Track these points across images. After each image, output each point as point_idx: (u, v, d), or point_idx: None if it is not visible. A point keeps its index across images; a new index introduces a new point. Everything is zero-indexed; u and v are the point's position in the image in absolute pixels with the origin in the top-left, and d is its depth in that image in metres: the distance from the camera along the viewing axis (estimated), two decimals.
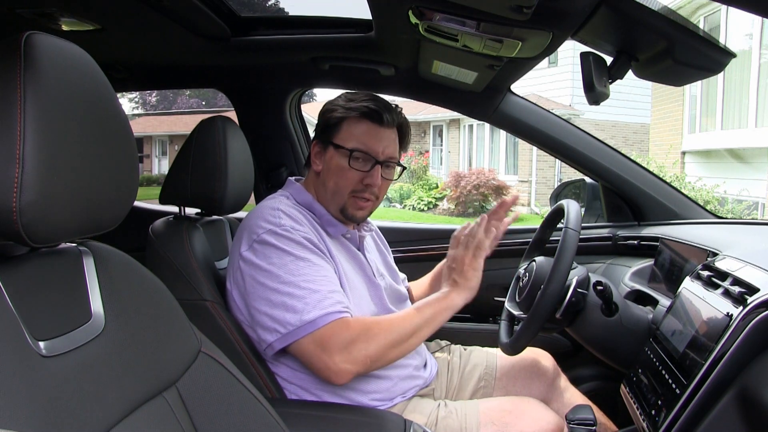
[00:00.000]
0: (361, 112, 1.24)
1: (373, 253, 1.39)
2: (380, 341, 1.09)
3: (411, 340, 1.14)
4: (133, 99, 22.83)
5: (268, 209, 1.19)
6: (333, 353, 1.05)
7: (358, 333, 1.08)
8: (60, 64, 0.62)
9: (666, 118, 9.23)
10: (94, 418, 0.63)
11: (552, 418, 1.20)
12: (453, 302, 1.20)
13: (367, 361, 1.08)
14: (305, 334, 1.06)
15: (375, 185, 1.25)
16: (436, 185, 12.65)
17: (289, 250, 1.12)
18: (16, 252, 0.65)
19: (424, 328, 1.16)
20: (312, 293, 1.08)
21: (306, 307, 1.07)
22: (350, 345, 1.06)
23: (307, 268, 1.11)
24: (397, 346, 1.12)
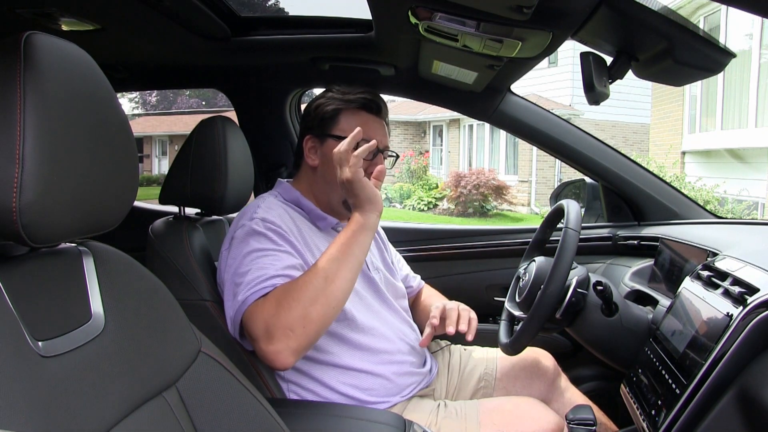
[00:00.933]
0: (359, 103, 1.27)
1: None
2: (292, 305, 1.03)
3: (331, 286, 1.05)
4: (133, 99, 22.85)
5: (249, 207, 1.24)
6: (258, 341, 1.04)
7: (269, 310, 1.04)
8: (60, 64, 0.62)
9: (666, 118, 9.23)
10: (94, 418, 0.63)
11: (552, 418, 1.20)
12: (360, 221, 1.11)
13: (288, 333, 1.01)
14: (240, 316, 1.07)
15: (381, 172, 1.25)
16: (436, 185, 12.65)
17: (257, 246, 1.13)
18: (16, 252, 0.65)
19: (339, 263, 1.07)
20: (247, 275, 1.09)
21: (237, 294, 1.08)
22: (268, 326, 1.02)
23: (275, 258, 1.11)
24: (315, 299, 1.03)
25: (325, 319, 1.05)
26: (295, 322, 1.01)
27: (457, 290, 1.95)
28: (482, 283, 1.95)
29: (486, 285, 1.95)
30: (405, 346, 1.29)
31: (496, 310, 1.81)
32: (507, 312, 1.56)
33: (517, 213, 11.57)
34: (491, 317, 1.95)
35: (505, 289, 1.67)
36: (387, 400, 1.23)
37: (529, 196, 11.99)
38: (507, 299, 1.57)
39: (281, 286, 1.06)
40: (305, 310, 1.02)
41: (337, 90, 1.30)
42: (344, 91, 1.29)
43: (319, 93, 1.34)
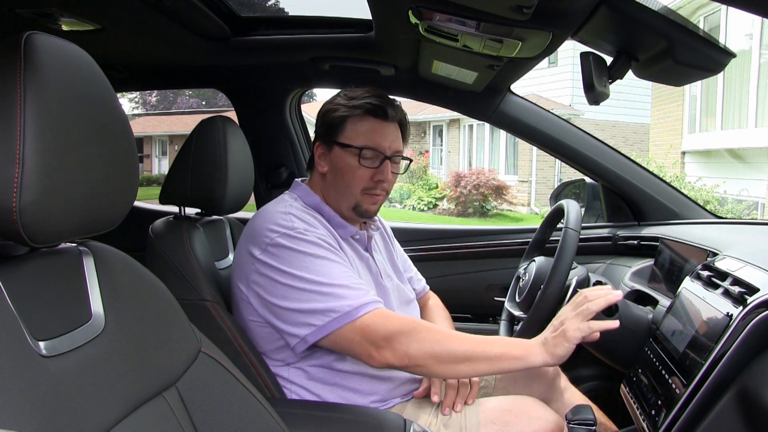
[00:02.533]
0: (365, 109, 1.23)
1: (380, 254, 1.39)
2: (424, 346, 1.07)
3: (460, 366, 1.08)
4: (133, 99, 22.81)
5: (279, 213, 1.18)
6: (376, 340, 1.06)
7: (401, 327, 1.08)
8: (60, 64, 0.62)
9: (666, 118, 9.23)
10: (94, 418, 0.63)
11: (552, 418, 1.20)
12: (529, 355, 1.08)
13: (405, 359, 1.06)
14: (343, 325, 1.07)
15: (386, 180, 1.25)
16: (436, 185, 12.65)
17: (306, 251, 1.12)
18: (16, 252, 0.65)
19: (481, 361, 1.08)
20: (341, 288, 1.09)
21: (340, 301, 1.08)
22: (392, 336, 1.06)
23: (328, 266, 1.12)
24: (441, 361, 1.07)
25: (431, 374, 1.14)
26: (416, 356, 1.07)
27: (458, 290, 1.95)
28: (482, 283, 1.95)
29: (486, 285, 1.95)
30: None
31: (496, 310, 1.81)
32: (507, 312, 1.56)
33: (517, 213, 11.57)
34: (491, 317, 1.96)
35: (505, 289, 1.67)
36: (387, 402, 1.23)
37: (529, 196, 11.99)
38: (507, 299, 1.57)
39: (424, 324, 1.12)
40: (429, 358, 1.07)
41: (344, 95, 1.27)
42: (351, 95, 1.25)
43: (330, 97, 1.31)
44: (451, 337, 1.11)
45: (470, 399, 1.20)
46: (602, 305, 1.10)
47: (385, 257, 1.42)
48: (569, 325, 1.08)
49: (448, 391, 1.19)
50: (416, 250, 1.97)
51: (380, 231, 1.45)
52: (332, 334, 1.08)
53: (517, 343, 1.11)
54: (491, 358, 1.08)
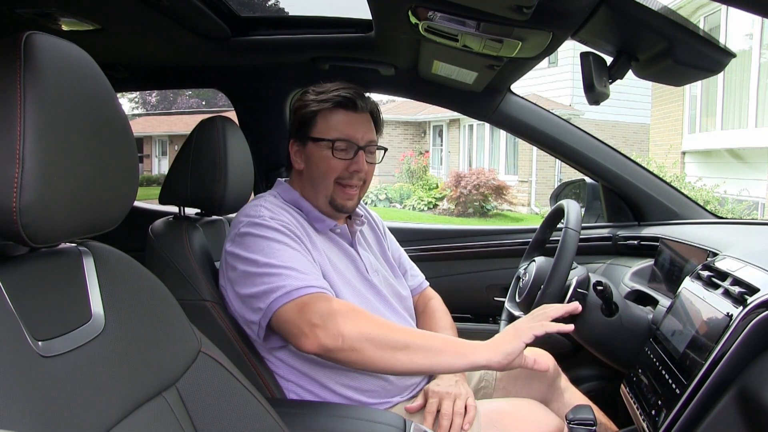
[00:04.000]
0: (334, 102, 1.24)
1: (367, 249, 1.39)
2: (360, 327, 1.04)
3: (397, 354, 1.03)
4: (133, 99, 22.82)
5: (250, 206, 1.23)
6: (310, 317, 1.04)
7: (339, 308, 1.06)
8: (60, 64, 0.62)
9: (666, 118, 9.23)
10: (94, 418, 0.63)
11: (552, 421, 1.20)
12: (472, 353, 1.04)
13: (338, 339, 1.02)
14: (283, 304, 1.07)
15: (362, 170, 1.25)
16: (436, 185, 12.65)
17: (265, 235, 1.14)
18: (16, 252, 0.65)
19: (419, 351, 1.04)
20: (289, 270, 1.10)
21: (284, 281, 1.08)
22: (328, 315, 1.04)
23: (282, 251, 1.12)
24: (377, 346, 1.03)
25: (363, 361, 1.06)
26: (351, 337, 1.03)
27: (458, 290, 1.95)
28: (482, 283, 1.95)
29: (486, 285, 1.95)
30: None
31: (496, 310, 1.81)
32: (507, 312, 1.56)
33: (517, 213, 11.57)
34: (491, 317, 1.96)
35: (505, 289, 1.67)
36: (387, 401, 1.23)
37: (529, 196, 11.99)
38: (507, 299, 1.57)
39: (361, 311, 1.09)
40: (365, 341, 1.03)
41: (313, 91, 1.28)
42: (320, 90, 1.27)
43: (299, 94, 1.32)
44: (391, 324, 1.10)
45: (466, 425, 1.17)
46: (560, 311, 1.09)
47: (374, 252, 1.41)
48: (521, 324, 1.07)
49: (442, 421, 1.17)
50: (416, 250, 1.97)
51: (369, 224, 1.45)
52: (274, 315, 1.08)
53: (463, 341, 1.08)
54: (431, 349, 1.04)
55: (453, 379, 1.25)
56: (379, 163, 1.33)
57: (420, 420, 1.19)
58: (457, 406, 1.19)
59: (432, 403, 1.20)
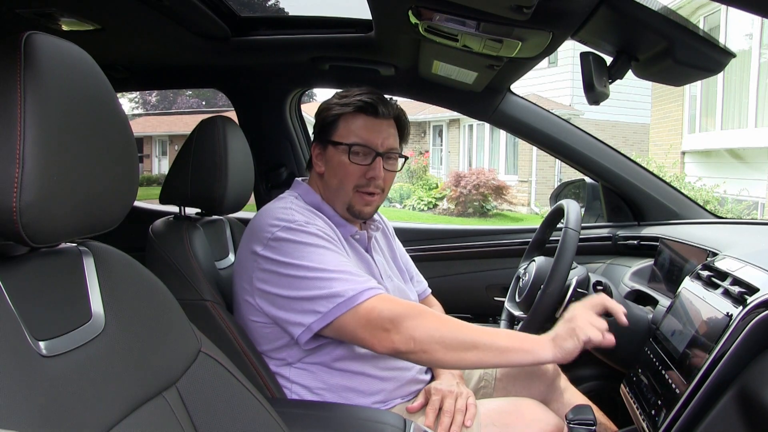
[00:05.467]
0: (356, 107, 1.23)
1: (380, 255, 1.39)
2: (430, 330, 1.04)
3: (467, 354, 1.04)
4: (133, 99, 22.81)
5: (279, 209, 1.19)
6: (381, 323, 1.05)
7: (407, 310, 1.06)
8: (60, 64, 0.62)
9: (666, 118, 9.23)
10: (94, 417, 0.63)
11: (552, 420, 1.20)
12: (539, 350, 1.05)
13: (410, 343, 1.04)
14: (347, 310, 1.06)
15: (378, 177, 1.24)
16: (436, 185, 12.65)
17: (306, 242, 1.12)
18: (16, 252, 0.65)
19: (488, 351, 1.04)
20: (344, 274, 1.09)
21: (343, 286, 1.07)
22: (397, 319, 1.05)
23: (329, 255, 1.12)
24: (447, 347, 1.04)
25: (432, 362, 1.08)
26: (421, 340, 1.04)
27: (458, 290, 1.95)
28: (482, 283, 1.95)
29: (486, 285, 1.95)
30: None
31: (496, 310, 1.81)
32: (507, 312, 1.56)
33: (517, 213, 11.57)
34: (491, 317, 1.96)
35: (505, 289, 1.67)
36: (388, 403, 1.23)
37: (529, 196, 11.99)
38: (507, 299, 1.57)
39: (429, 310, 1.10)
40: (434, 343, 1.04)
41: (338, 95, 1.27)
42: (344, 94, 1.26)
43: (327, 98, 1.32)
44: (459, 323, 1.09)
45: (468, 421, 1.17)
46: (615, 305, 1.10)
47: (386, 257, 1.41)
48: (580, 320, 1.06)
49: (443, 418, 1.17)
50: (416, 250, 1.97)
51: (382, 230, 1.45)
52: (337, 320, 1.07)
53: (527, 336, 1.08)
54: (500, 348, 1.05)
55: (454, 379, 1.26)
56: (399, 171, 1.31)
57: (421, 419, 1.19)
58: (459, 404, 1.19)
59: (434, 400, 1.20)
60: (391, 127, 1.27)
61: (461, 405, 1.19)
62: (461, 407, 1.19)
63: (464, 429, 1.16)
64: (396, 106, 1.29)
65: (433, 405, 1.20)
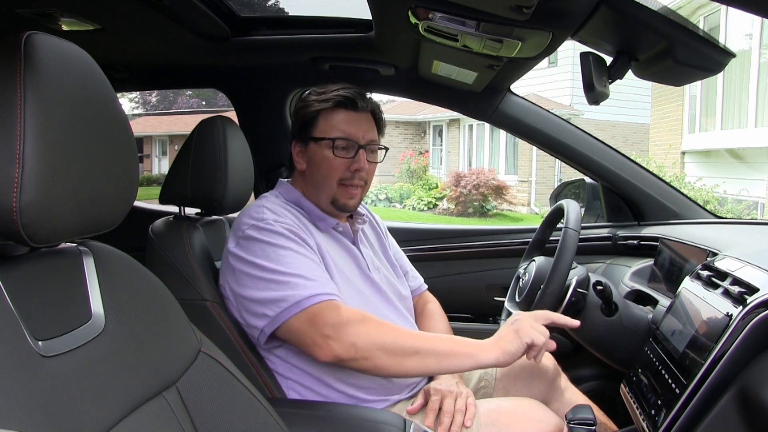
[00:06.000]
0: (335, 102, 1.25)
1: (368, 248, 1.39)
2: (372, 337, 1.06)
3: (408, 360, 1.07)
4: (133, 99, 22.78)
5: (254, 206, 1.23)
6: (322, 328, 1.06)
7: (349, 317, 1.08)
8: (60, 64, 0.62)
9: (666, 118, 9.23)
10: (94, 417, 0.63)
11: (552, 419, 1.20)
12: (480, 353, 1.07)
13: (351, 350, 1.06)
14: (293, 314, 1.08)
15: (363, 169, 1.26)
16: (436, 185, 12.65)
17: (270, 241, 1.14)
18: (16, 252, 0.65)
19: (429, 356, 1.07)
20: (296, 278, 1.10)
21: (293, 290, 1.09)
22: (339, 325, 1.06)
23: (289, 257, 1.13)
24: (389, 353, 1.06)
25: (373, 369, 1.09)
26: (363, 347, 1.06)
27: (457, 290, 1.95)
28: (482, 283, 1.95)
29: (486, 285, 1.95)
30: None
31: (496, 310, 1.81)
32: (507, 312, 1.56)
33: (517, 213, 11.57)
34: (491, 317, 1.96)
35: (505, 289, 1.67)
36: (386, 399, 1.23)
37: (529, 196, 11.99)
38: (507, 299, 1.57)
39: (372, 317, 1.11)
40: (376, 350, 1.06)
41: (314, 91, 1.29)
42: (321, 91, 1.28)
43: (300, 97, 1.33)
44: (401, 330, 1.12)
45: (468, 421, 1.18)
46: (562, 321, 1.14)
47: (375, 250, 1.42)
48: (523, 323, 1.10)
49: (443, 419, 1.17)
50: (416, 250, 1.97)
51: (371, 224, 1.46)
52: (284, 324, 1.10)
53: (469, 341, 1.11)
54: (440, 353, 1.07)
55: (453, 380, 1.26)
56: (381, 162, 1.33)
57: (421, 419, 1.19)
58: (459, 404, 1.19)
59: (434, 401, 1.20)
60: (369, 120, 1.30)
61: (461, 405, 1.19)
62: (461, 407, 1.19)
63: (464, 429, 1.16)
64: (372, 99, 1.31)
65: (433, 405, 1.20)
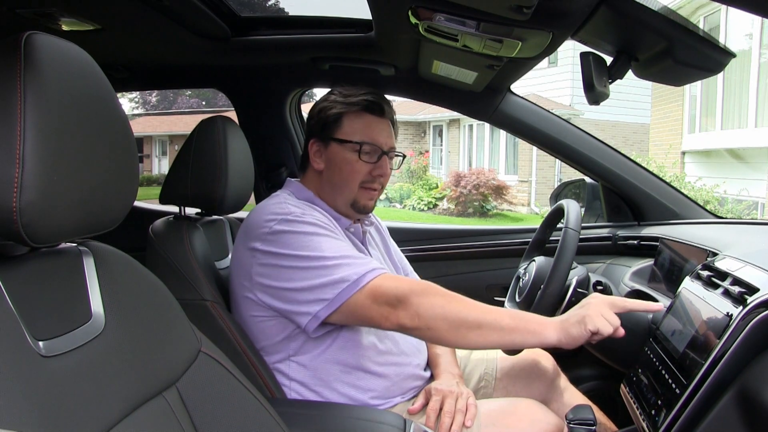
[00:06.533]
0: (362, 106, 1.25)
1: (376, 249, 1.40)
2: (435, 307, 1.05)
3: (470, 333, 1.05)
4: (133, 99, 22.82)
5: (273, 204, 1.21)
6: (388, 300, 1.07)
7: (411, 286, 1.08)
8: (60, 64, 0.62)
9: (666, 118, 9.23)
10: (94, 418, 0.63)
11: (552, 419, 1.20)
12: (544, 331, 1.05)
13: (415, 319, 1.05)
14: (353, 293, 1.08)
15: (385, 175, 1.27)
16: (436, 185, 12.65)
17: (304, 231, 1.14)
18: (16, 252, 0.65)
19: (492, 330, 1.05)
20: (345, 258, 1.11)
21: (347, 270, 1.09)
22: (403, 296, 1.06)
23: (329, 242, 1.13)
24: (451, 325, 1.05)
25: (436, 339, 1.09)
26: (426, 315, 1.05)
27: (457, 290, 1.94)
28: (482, 283, 1.95)
29: (486, 285, 1.95)
30: (409, 348, 1.29)
31: None
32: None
33: (517, 213, 11.57)
34: None
35: (505, 289, 1.67)
36: (388, 400, 1.23)
37: (529, 196, 11.99)
38: (507, 299, 1.57)
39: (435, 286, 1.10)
40: (440, 319, 1.05)
41: (339, 92, 1.28)
42: (347, 93, 1.27)
43: (323, 95, 1.33)
44: (465, 302, 1.09)
45: (468, 421, 1.18)
46: (641, 307, 1.10)
47: (381, 252, 1.43)
48: (593, 309, 1.06)
49: (444, 419, 1.17)
50: (416, 250, 1.97)
51: (375, 226, 1.46)
52: (344, 304, 1.09)
53: (532, 317, 1.09)
54: (504, 328, 1.05)
55: (454, 380, 1.26)
56: (397, 169, 1.34)
57: (421, 419, 1.19)
58: (459, 404, 1.19)
59: (435, 400, 1.21)
60: (390, 127, 1.30)
61: (462, 405, 1.19)
62: (462, 407, 1.19)
63: (465, 429, 1.16)
64: (392, 106, 1.32)
65: (434, 405, 1.20)
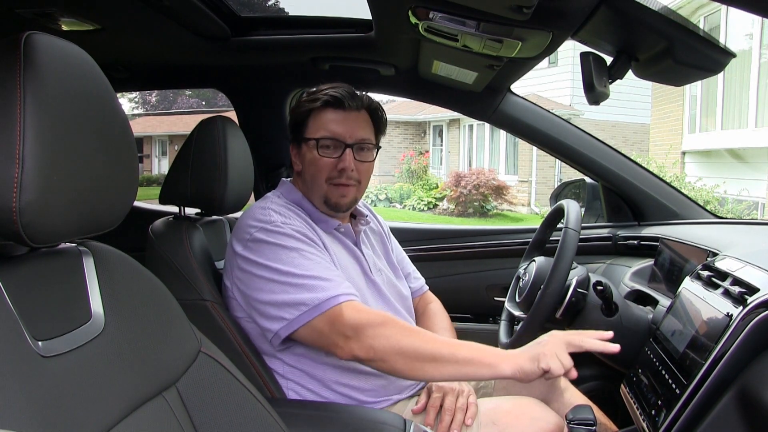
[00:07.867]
0: (323, 102, 1.25)
1: (370, 249, 1.39)
2: (391, 340, 1.06)
3: (426, 365, 1.05)
4: (133, 99, 22.81)
5: (258, 208, 1.22)
6: (343, 329, 1.07)
7: (369, 319, 1.08)
8: (60, 64, 0.62)
9: (666, 118, 9.23)
10: (94, 418, 0.63)
11: (552, 418, 1.20)
12: (500, 364, 1.04)
13: (370, 352, 1.06)
14: (313, 317, 1.08)
15: (348, 168, 1.24)
16: (436, 185, 12.65)
17: (281, 243, 1.14)
18: (16, 252, 0.65)
19: (447, 363, 1.05)
20: (313, 279, 1.10)
21: (311, 293, 1.09)
22: (359, 327, 1.06)
23: (301, 258, 1.13)
24: (407, 358, 1.05)
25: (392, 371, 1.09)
26: (381, 350, 1.06)
27: (458, 290, 1.95)
28: (482, 283, 1.95)
29: (486, 285, 1.95)
30: None
31: (496, 310, 1.81)
32: (507, 312, 1.56)
33: (517, 213, 11.57)
34: (491, 317, 1.96)
35: (505, 289, 1.67)
36: (387, 398, 1.23)
37: (529, 196, 11.98)
38: (507, 299, 1.57)
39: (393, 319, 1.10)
40: (395, 354, 1.05)
41: (307, 92, 1.30)
42: (312, 92, 1.28)
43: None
44: (421, 334, 1.10)
45: (468, 420, 1.18)
46: (597, 348, 1.05)
47: (377, 252, 1.42)
48: (548, 348, 1.04)
49: (444, 416, 1.17)
50: (416, 250, 1.97)
51: (373, 227, 1.46)
52: (302, 327, 1.09)
53: (489, 350, 1.08)
54: (459, 361, 1.05)
55: None
56: (373, 161, 1.32)
57: (421, 417, 1.19)
58: (460, 403, 1.20)
59: (435, 398, 1.21)
60: (362, 119, 1.28)
61: (462, 403, 1.20)
62: (462, 406, 1.19)
63: (464, 428, 1.16)
64: (366, 97, 1.29)
65: (434, 403, 1.20)
